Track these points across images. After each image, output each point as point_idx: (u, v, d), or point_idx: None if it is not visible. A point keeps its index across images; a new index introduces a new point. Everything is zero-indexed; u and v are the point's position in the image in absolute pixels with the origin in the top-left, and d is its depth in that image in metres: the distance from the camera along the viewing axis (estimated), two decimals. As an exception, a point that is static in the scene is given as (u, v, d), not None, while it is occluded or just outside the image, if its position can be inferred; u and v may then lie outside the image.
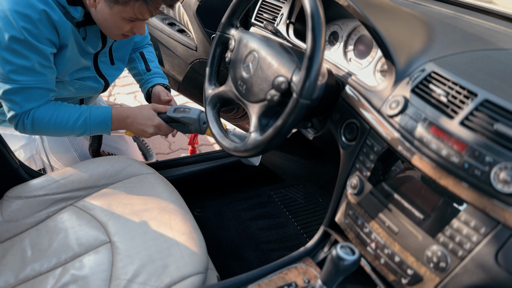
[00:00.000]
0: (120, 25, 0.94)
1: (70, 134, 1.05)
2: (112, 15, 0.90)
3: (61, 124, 1.00)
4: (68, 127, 1.01)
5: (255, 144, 0.75)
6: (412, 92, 0.68)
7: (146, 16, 0.92)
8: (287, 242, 1.28)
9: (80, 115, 1.01)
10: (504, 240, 0.53)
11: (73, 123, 1.01)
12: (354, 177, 0.76)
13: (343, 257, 0.50)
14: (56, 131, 1.02)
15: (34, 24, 0.86)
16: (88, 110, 1.03)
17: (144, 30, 0.99)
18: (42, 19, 0.87)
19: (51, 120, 0.99)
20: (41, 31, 0.88)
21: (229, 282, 0.74)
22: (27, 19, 0.85)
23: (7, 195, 0.95)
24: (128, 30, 0.97)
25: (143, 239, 0.86)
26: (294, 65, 0.73)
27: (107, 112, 1.04)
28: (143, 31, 0.98)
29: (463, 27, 0.85)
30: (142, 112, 1.07)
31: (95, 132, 1.05)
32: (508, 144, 0.54)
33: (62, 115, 1.00)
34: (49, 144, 1.21)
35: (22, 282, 0.81)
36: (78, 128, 1.02)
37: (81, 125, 1.02)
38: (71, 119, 1.01)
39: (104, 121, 1.04)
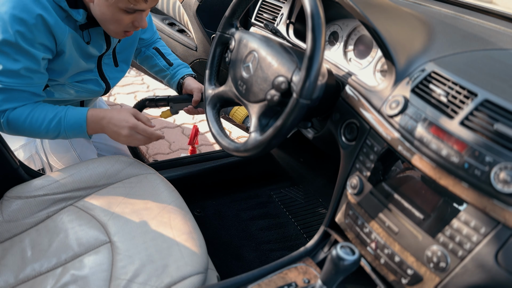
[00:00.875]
0: (119, 18, 0.91)
1: (45, 137, 0.99)
2: (109, 7, 0.88)
3: (36, 125, 0.95)
4: (42, 129, 0.96)
5: (255, 144, 0.75)
6: (412, 92, 0.68)
7: (141, 5, 0.89)
8: (287, 242, 1.28)
9: (55, 116, 0.96)
10: (504, 240, 0.53)
11: (47, 124, 0.95)
12: (354, 177, 0.76)
13: (343, 257, 0.50)
14: (31, 132, 0.97)
15: (29, 28, 0.86)
16: (64, 110, 0.97)
17: (145, 22, 0.96)
18: (37, 24, 0.86)
19: (26, 121, 0.95)
20: (35, 36, 0.87)
21: (229, 282, 0.74)
22: (22, 23, 0.85)
23: (7, 195, 0.95)
24: (129, 25, 0.95)
25: (143, 239, 0.86)
26: (294, 65, 0.73)
27: (82, 113, 0.97)
28: (144, 23, 0.96)
29: (463, 27, 0.85)
30: (119, 113, 0.99)
31: (71, 135, 0.99)
32: (508, 144, 0.54)
33: (38, 115, 0.95)
34: (49, 144, 1.21)
35: (22, 282, 0.81)
36: (52, 130, 0.96)
37: (55, 127, 0.96)
38: (45, 120, 0.95)
39: (79, 122, 0.97)
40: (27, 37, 0.86)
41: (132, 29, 0.98)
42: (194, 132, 1.89)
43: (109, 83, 1.17)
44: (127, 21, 0.93)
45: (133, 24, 0.96)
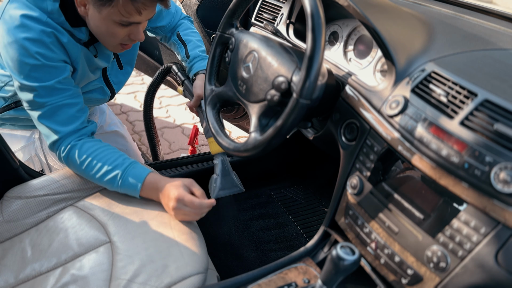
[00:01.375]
0: (114, 31, 0.89)
1: (100, 184, 0.95)
2: (102, 20, 0.86)
3: (91, 172, 0.92)
4: (96, 177, 0.92)
5: (255, 144, 0.75)
6: (412, 92, 0.68)
7: (135, 17, 0.85)
8: (287, 242, 1.28)
9: (115, 168, 0.92)
10: (504, 240, 0.53)
11: (102, 175, 0.91)
12: (354, 177, 0.76)
13: (343, 257, 0.50)
14: (85, 175, 0.95)
15: (48, 47, 0.86)
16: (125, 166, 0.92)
17: (142, 35, 0.93)
18: (54, 42, 0.87)
19: (83, 162, 0.92)
20: (56, 53, 0.88)
21: (229, 282, 0.74)
22: (40, 44, 0.85)
23: (7, 195, 0.95)
24: (125, 38, 0.92)
25: (143, 239, 0.86)
26: (294, 65, 0.73)
27: (143, 175, 0.91)
28: (140, 36, 0.93)
29: (463, 27, 0.85)
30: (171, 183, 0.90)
31: (122, 191, 0.94)
32: (508, 144, 0.54)
33: (98, 160, 0.92)
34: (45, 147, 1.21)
35: (22, 282, 0.81)
36: (105, 182, 0.92)
37: (110, 181, 0.92)
38: (101, 170, 0.91)
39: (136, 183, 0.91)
40: (48, 56, 0.87)
41: (129, 42, 0.95)
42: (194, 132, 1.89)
43: (114, 88, 1.15)
44: (123, 34, 0.91)
45: (129, 37, 0.92)
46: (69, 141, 0.93)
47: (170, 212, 0.90)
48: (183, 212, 0.88)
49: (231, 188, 1.11)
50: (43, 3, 0.85)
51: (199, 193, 0.91)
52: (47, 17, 0.86)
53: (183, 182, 0.91)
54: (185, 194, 0.88)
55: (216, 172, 1.11)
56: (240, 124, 1.85)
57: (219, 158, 1.12)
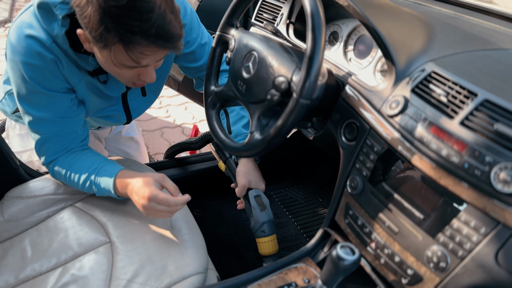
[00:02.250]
0: (120, 72, 0.79)
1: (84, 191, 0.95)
2: (105, 61, 0.77)
3: (74, 183, 0.92)
4: (80, 187, 0.93)
5: (255, 144, 0.75)
6: (412, 92, 0.68)
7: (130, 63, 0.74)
8: (287, 242, 1.28)
9: (89, 175, 0.91)
10: (504, 240, 0.53)
11: (82, 184, 0.91)
12: (354, 177, 0.76)
13: (343, 257, 0.50)
14: (73, 187, 0.95)
15: (45, 75, 0.82)
16: (95, 172, 0.90)
17: (153, 76, 0.81)
18: (52, 70, 0.82)
19: (65, 176, 0.92)
20: (53, 82, 0.84)
21: (229, 282, 0.74)
22: (38, 71, 0.81)
23: (7, 195, 0.95)
24: (135, 78, 0.82)
25: (143, 239, 0.86)
26: (294, 65, 0.73)
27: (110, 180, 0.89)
28: (150, 78, 0.81)
29: (463, 27, 0.85)
30: (142, 181, 0.85)
31: (101, 194, 0.92)
32: (508, 144, 0.54)
33: (75, 173, 0.91)
34: None
35: (22, 282, 0.81)
36: (88, 190, 0.92)
37: (89, 187, 0.91)
38: (80, 179, 0.91)
39: (107, 188, 0.89)
40: (45, 86, 0.83)
41: (141, 82, 0.84)
42: (194, 132, 1.89)
43: (131, 115, 1.08)
44: (130, 75, 0.81)
45: (139, 77, 0.82)
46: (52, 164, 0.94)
47: (142, 211, 0.84)
48: (155, 210, 0.82)
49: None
50: (51, 24, 0.79)
51: (172, 189, 0.85)
52: (51, 41, 0.80)
53: (154, 177, 0.86)
54: (158, 192, 0.82)
55: None
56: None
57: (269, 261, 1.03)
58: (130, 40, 0.69)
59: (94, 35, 0.69)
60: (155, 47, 0.72)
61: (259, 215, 0.99)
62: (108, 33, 0.68)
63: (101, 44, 0.70)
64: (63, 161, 0.93)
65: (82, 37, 0.75)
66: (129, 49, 0.71)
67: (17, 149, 1.18)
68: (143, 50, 0.71)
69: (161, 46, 0.72)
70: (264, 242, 1.01)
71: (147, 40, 0.69)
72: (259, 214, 0.99)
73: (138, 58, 0.73)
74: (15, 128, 1.18)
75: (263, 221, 0.99)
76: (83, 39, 0.76)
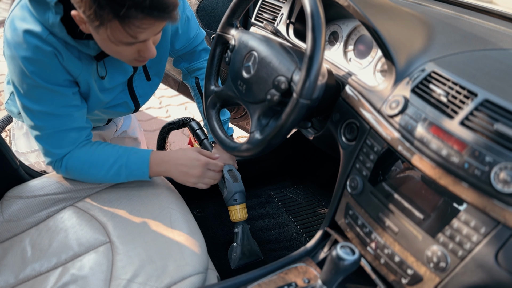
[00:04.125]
0: (119, 50, 0.78)
1: (104, 181, 0.96)
2: (102, 40, 0.75)
3: (94, 171, 0.93)
4: (101, 175, 0.93)
5: (255, 144, 0.75)
6: (412, 92, 0.68)
7: (128, 39, 0.73)
8: (287, 242, 1.28)
9: (115, 161, 0.93)
10: (504, 240, 0.53)
11: (106, 171, 0.93)
12: (354, 177, 0.76)
13: (343, 257, 0.50)
14: (89, 178, 0.95)
15: (46, 68, 0.81)
16: (126, 155, 0.93)
17: (153, 52, 0.81)
18: (53, 62, 0.81)
19: (84, 167, 0.92)
20: (55, 74, 0.82)
21: (229, 282, 0.74)
22: (38, 65, 0.80)
23: (7, 195, 0.95)
24: (135, 55, 0.81)
25: (143, 239, 0.86)
26: (294, 65, 0.73)
27: (145, 157, 0.94)
28: (151, 53, 0.81)
29: (463, 27, 0.85)
30: (186, 153, 0.97)
31: (129, 177, 0.96)
32: (508, 144, 0.54)
33: (96, 161, 0.92)
34: None
35: (22, 282, 0.81)
36: (111, 177, 0.94)
37: (116, 173, 0.93)
38: (105, 166, 0.92)
39: (141, 168, 0.93)
40: (47, 79, 0.82)
41: (142, 59, 0.84)
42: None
43: (139, 102, 1.09)
44: (130, 52, 0.80)
45: (139, 54, 0.81)
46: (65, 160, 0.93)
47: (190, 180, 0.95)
48: (206, 176, 0.95)
49: (251, 256, 1.16)
50: (45, 14, 0.77)
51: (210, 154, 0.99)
52: (48, 33, 0.78)
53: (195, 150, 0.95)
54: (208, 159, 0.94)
55: (236, 241, 1.15)
56: (240, 124, 1.85)
57: (240, 227, 1.15)
58: (125, 15, 0.67)
59: (88, 13, 0.68)
60: (151, 19, 0.70)
61: (232, 186, 1.09)
62: (102, 10, 0.66)
63: (96, 22, 0.68)
64: (78, 154, 0.92)
65: (77, 18, 0.73)
66: (125, 24, 0.69)
67: (23, 149, 1.17)
68: (139, 23, 0.70)
69: (157, 17, 0.70)
70: (235, 210, 1.12)
71: (142, 12, 0.67)
72: (232, 185, 1.10)
73: (135, 33, 0.71)
74: (21, 129, 1.17)
75: (235, 191, 1.10)
76: (78, 20, 0.74)
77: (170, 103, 2.75)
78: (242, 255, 1.14)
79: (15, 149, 1.19)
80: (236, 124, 1.88)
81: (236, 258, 1.13)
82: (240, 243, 1.14)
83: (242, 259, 1.15)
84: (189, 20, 1.08)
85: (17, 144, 1.19)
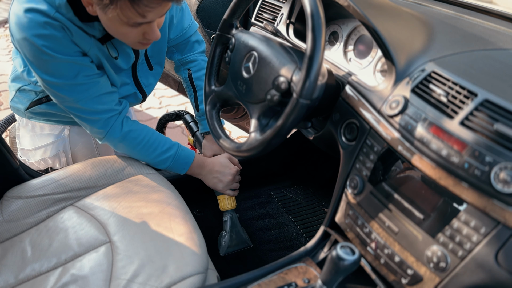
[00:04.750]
0: (124, 32, 0.82)
1: (148, 161, 1.07)
2: (110, 21, 0.79)
3: (148, 151, 1.03)
4: (152, 156, 1.04)
5: (255, 144, 0.75)
6: (412, 92, 0.68)
7: (136, 18, 0.77)
8: (287, 242, 1.28)
9: (169, 149, 1.05)
10: (504, 240, 0.53)
11: (158, 154, 1.04)
12: (354, 177, 0.76)
13: (343, 257, 0.50)
14: (138, 155, 1.05)
15: (58, 41, 0.82)
16: (175, 148, 1.06)
17: (157, 34, 0.85)
18: (64, 36, 0.83)
19: (140, 144, 1.02)
20: (67, 46, 0.84)
21: (229, 282, 0.74)
22: (50, 39, 0.81)
23: (7, 195, 0.95)
24: (139, 37, 0.85)
25: (143, 239, 0.86)
26: (294, 65, 0.73)
27: (191, 156, 1.08)
28: (155, 35, 0.85)
29: (463, 27, 0.85)
30: (219, 160, 1.12)
31: (170, 168, 1.08)
32: (508, 144, 0.54)
33: (152, 143, 1.03)
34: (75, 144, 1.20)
35: (22, 282, 0.81)
36: (160, 162, 1.05)
37: (165, 160, 1.05)
38: (157, 150, 1.03)
39: (186, 164, 1.08)
40: (61, 51, 0.83)
41: (146, 41, 0.88)
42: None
43: (145, 91, 1.14)
44: (135, 34, 0.83)
45: (144, 36, 0.85)
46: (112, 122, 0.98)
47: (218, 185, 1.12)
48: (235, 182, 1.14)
49: (239, 244, 1.21)
50: None
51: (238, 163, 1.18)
52: (55, 11, 0.80)
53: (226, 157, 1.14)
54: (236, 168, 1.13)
55: (225, 229, 1.21)
56: (240, 124, 1.85)
57: (228, 215, 1.21)
58: None
59: None
60: None
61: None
62: None
63: (106, 1, 0.72)
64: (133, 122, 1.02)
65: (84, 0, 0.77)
66: (134, 3, 0.73)
67: (28, 147, 1.18)
68: (148, 2, 0.73)
69: None
70: (224, 199, 1.20)
71: None
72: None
73: (144, 12, 0.75)
74: (26, 126, 1.17)
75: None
76: (86, 1, 0.77)
77: (170, 103, 2.75)
78: (230, 243, 1.19)
79: (20, 147, 1.20)
80: (236, 124, 1.88)
81: (225, 245, 1.19)
82: (228, 231, 1.19)
83: (230, 246, 1.19)
84: (183, 11, 1.13)
85: (21, 142, 1.19)
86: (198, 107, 1.23)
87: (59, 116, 1.11)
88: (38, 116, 1.12)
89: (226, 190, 1.14)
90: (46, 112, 1.10)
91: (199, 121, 1.26)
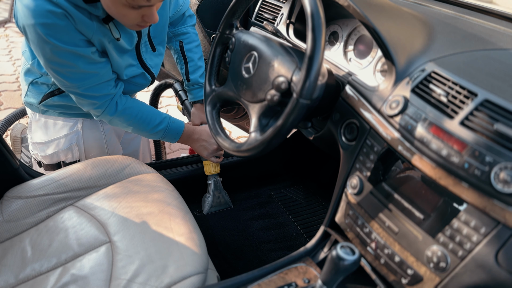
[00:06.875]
0: (124, 13, 0.85)
1: (142, 135, 1.16)
2: (111, 2, 0.82)
3: (144, 123, 1.10)
4: (147, 129, 1.12)
5: (255, 144, 0.75)
6: (412, 92, 0.68)
7: (141, 1, 0.81)
8: (287, 242, 1.28)
9: (161, 122, 1.13)
10: (504, 240, 0.53)
11: (153, 127, 1.12)
12: (354, 177, 0.76)
13: (343, 257, 0.50)
14: (133, 129, 1.11)
15: (61, 30, 0.84)
16: (167, 120, 1.14)
17: (156, 17, 0.88)
18: (67, 24, 0.85)
19: (136, 117, 1.09)
20: (71, 35, 0.86)
21: (229, 282, 0.74)
22: (53, 28, 0.83)
23: (7, 195, 0.95)
24: (138, 20, 0.88)
25: (143, 239, 0.86)
26: (294, 65, 0.73)
27: (181, 127, 1.17)
28: (154, 19, 0.88)
29: (463, 27, 0.85)
30: (206, 129, 1.20)
31: (162, 139, 1.16)
32: (508, 144, 0.54)
33: (145, 118, 1.10)
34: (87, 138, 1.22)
35: (22, 282, 0.81)
36: (153, 135, 1.14)
37: (158, 132, 1.13)
38: (151, 123, 1.11)
39: (177, 134, 1.17)
40: (64, 40, 0.86)
41: (144, 24, 0.91)
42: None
43: (152, 72, 1.17)
44: (135, 16, 0.87)
45: (143, 19, 0.88)
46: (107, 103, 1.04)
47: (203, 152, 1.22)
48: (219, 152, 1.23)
49: (221, 205, 1.35)
50: None
51: None
52: None
53: None
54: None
55: (209, 191, 1.32)
56: (240, 124, 1.85)
57: (212, 178, 1.33)
58: None
59: None
60: None
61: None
62: None
63: None
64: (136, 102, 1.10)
65: None
66: None
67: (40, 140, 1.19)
68: None
69: None
70: (209, 164, 1.31)
71: None
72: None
73: None
74: (39, 121, 1.18)
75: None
76: None
77: (170, 103, 2.75)
78: (213, 203, 1.32)
79: (31, 141, 1.21)
80: (236, 124, 1.88)
81: (208, 205, 1.31)
82: (212, 193, 1.32)
83: (213, 206, 1.33)
84: None
85: (33, 136, 1.21)
86: (188, 77, 1.30)
87: (72, 108, 1.13)
88: (52, 108, 1.14)
89: (210, 157, 1.23)
90: (60, 104, 1.12)
91: (189, 91, 1.33)
